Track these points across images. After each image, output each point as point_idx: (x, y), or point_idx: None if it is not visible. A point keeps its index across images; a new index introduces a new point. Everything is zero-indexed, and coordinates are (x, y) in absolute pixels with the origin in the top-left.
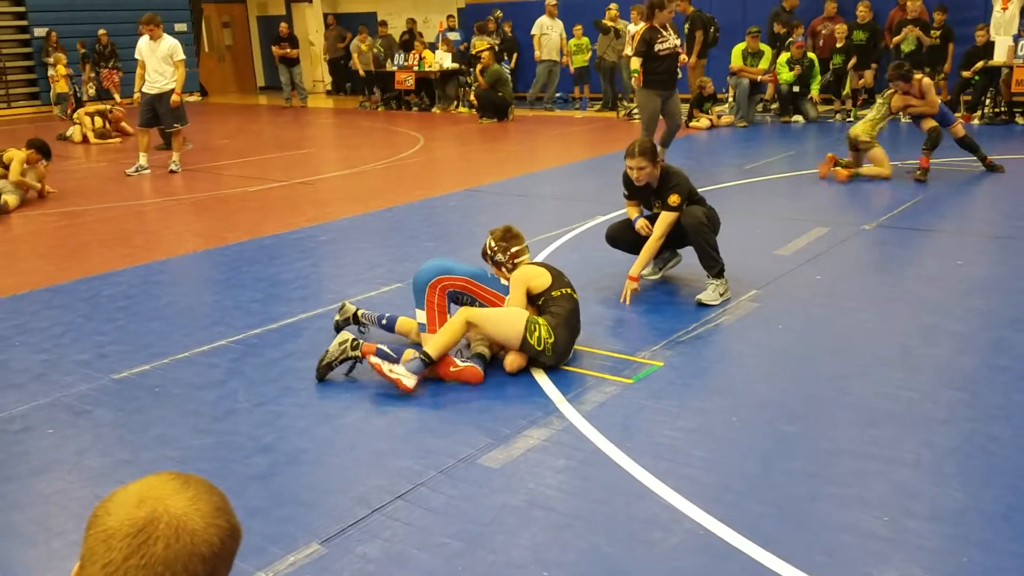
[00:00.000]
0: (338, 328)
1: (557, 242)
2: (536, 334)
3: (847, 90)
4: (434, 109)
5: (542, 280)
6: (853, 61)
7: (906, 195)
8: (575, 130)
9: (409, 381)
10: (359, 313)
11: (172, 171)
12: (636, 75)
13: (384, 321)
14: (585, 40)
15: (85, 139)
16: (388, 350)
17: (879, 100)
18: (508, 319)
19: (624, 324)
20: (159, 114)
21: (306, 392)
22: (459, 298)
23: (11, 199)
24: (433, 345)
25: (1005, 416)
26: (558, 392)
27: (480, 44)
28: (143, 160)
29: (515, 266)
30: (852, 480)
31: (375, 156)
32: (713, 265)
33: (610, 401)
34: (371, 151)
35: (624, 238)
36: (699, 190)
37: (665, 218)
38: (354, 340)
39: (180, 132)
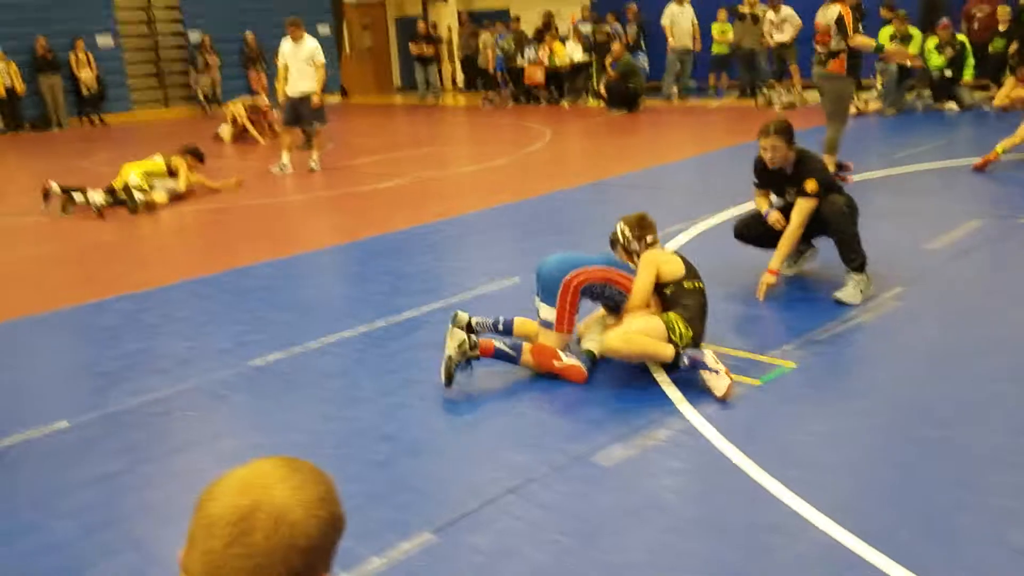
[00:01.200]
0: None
1: (684, 235)
2: (676, 331)
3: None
4: (563, 102)
5: (675, 268)
6: (1015, 46)
7: None
8: (709, 120)
9: (584, 368)
10: (473, 321)
11: (312, 169)
12: (839, 57)
13: (501, 326)
14: (729, 26)
15: (236, 138)
16: (506, 347)
17: None
18: (652, 330)
19: (753, 321)
20: (301, 114)
21: (426, 384)
22: (593, 292)
23: (161, 196)
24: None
25: None
26: (678, 392)
27: (600, 31)
28: (286, 159)
29: None
30: (1004, 491)
31: (503, 151)
32: (854, 258)
33: (734, 402)
34: (499, 146)
35: (753, 232)
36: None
37: (802, 206)
38: (471, 339)
39: (321, 132)
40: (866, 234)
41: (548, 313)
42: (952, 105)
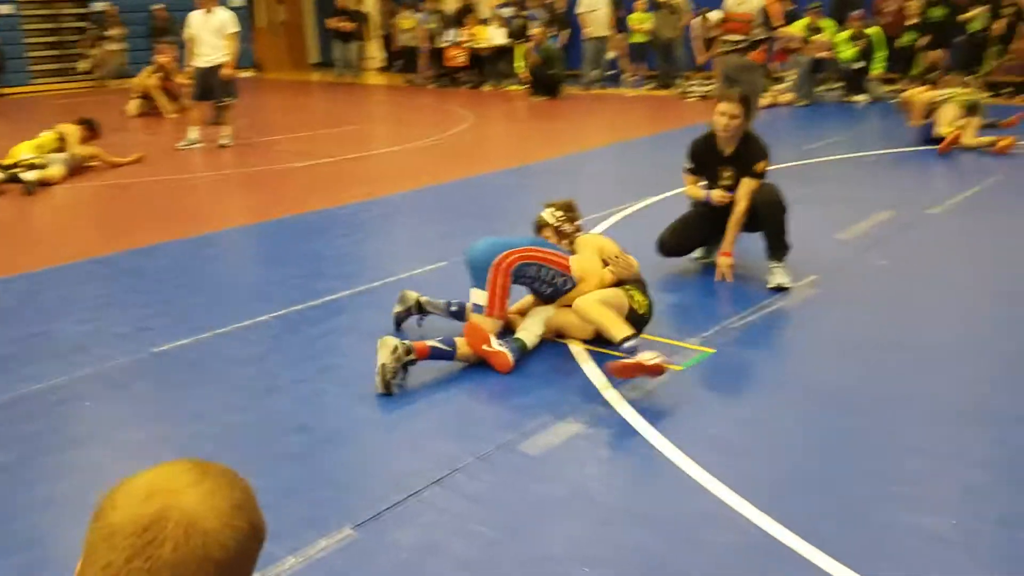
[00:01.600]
0: (398, 321)
1: (606, 222)
2: (636, 300)
3: (916, 70)
4: (485, 86)
5: (612, 246)
6: (925, 39)
7: (975, 178)
8: (627, 108)
9: (511, 357)
10: (422, 301)
11: (223, 145)
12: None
13: (454, 308)
14: (647, 16)
15: (142, 113)
16: (441, 345)
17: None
18: (614, 298)
19: (672, 309)
20: (211, 87)
21: (345, 371)
22: (528, 275)
23: (57, 171)
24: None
25: None
26: (603, 378)
27: (519, 16)
28: (194, 134)
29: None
30: (919, 480)
31: (424, 133)
32: (785, 249)
33: (658, 389)
34: (421, 128)
35: (682, 239)
36: None
37: (749, 185)
38: (404, 345)
39: (232, 106)
40: None
41: (479, 297)
42: (862, 97)
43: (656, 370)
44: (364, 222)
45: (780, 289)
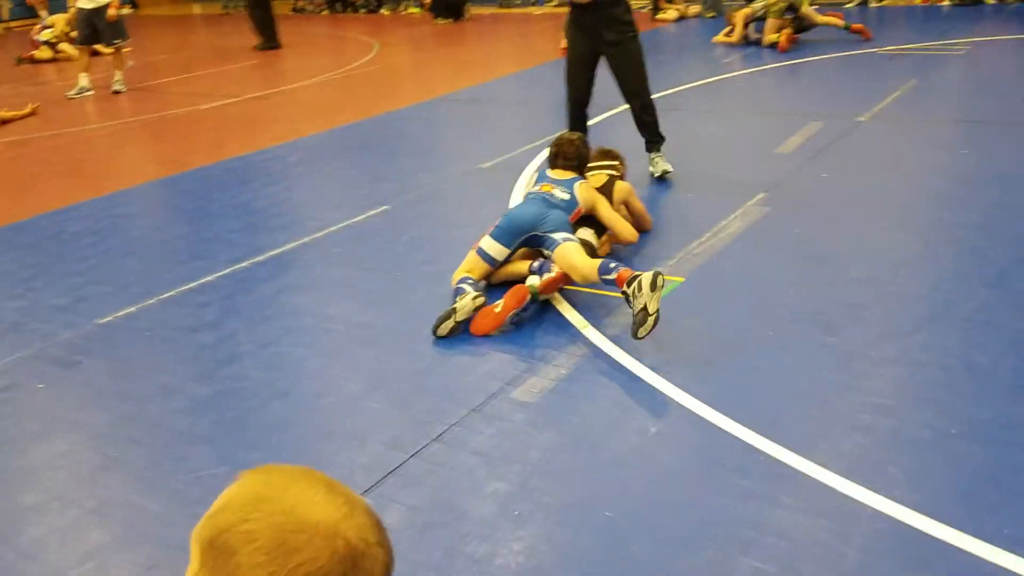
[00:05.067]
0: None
1: (543, 152)
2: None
3: None
4: (382, 10)
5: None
6: None
7: (894, 83)
8: (536, 28)
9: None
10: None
11: (116, 91)
12: None
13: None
14: None
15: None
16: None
17: None
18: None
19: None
20: (98, 30)
21: (311, 331)
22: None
23: None
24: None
25: None
26: (580, 317)
27: None
28: (85, 81)
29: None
30: (897, 388)
31: (330, 65)
32: (658, 134)
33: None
34: (325, 60)
35: (583, 78)
36: (676, 89)
37: None
38: (483, 296)
39: (122, 48)
40: (715, 142)
41: (499, 253)
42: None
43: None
44: (289, 167)
45: (666, 175)
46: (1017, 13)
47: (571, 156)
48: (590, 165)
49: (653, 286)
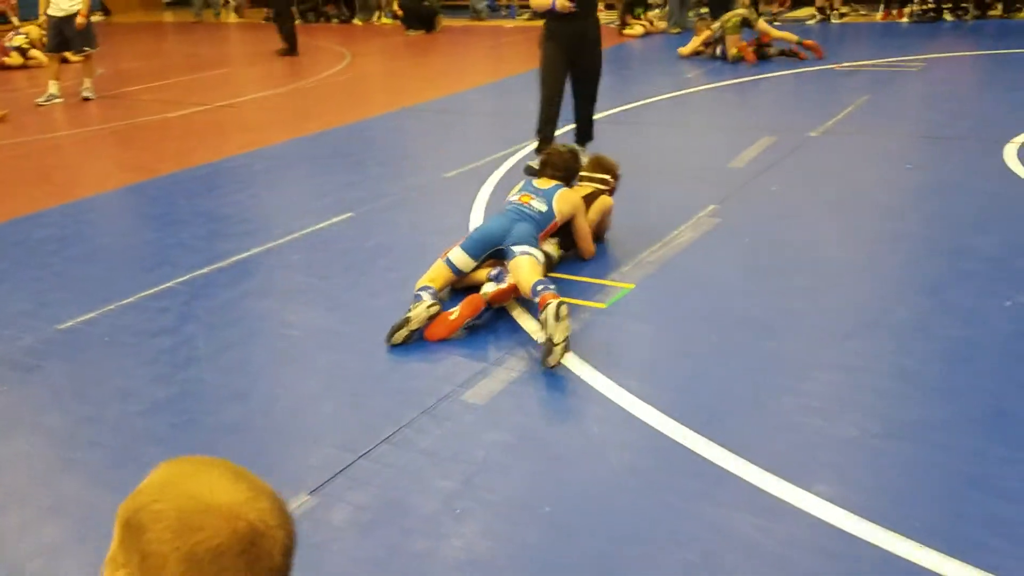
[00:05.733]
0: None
1: (511, 160)
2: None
3: None
4: (355, 21)
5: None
6: None
7: (848, 99)
8: (507, 40)
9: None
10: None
11: (86, 98)
12: None
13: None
14: None
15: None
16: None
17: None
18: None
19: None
20: (68, 37)
21: (269, 335)
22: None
23: None
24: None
25: (980, 321)
26: (533, 323)
27: None
28: (54, 88)
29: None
30: (836, 392)
31: (301, 74)
32: (590, 133)
33: (586, 328)
34: (296, 69)
35: (557, 81)
36: (639, 103)
37: None
38: (438, 306)
39: (92, 56)
40: (672, 155)
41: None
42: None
43: (512, 290)
44: (256, 174)
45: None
46: (973, 30)
47: (559, 167)
48: (582, 174)
49: (557, 316)
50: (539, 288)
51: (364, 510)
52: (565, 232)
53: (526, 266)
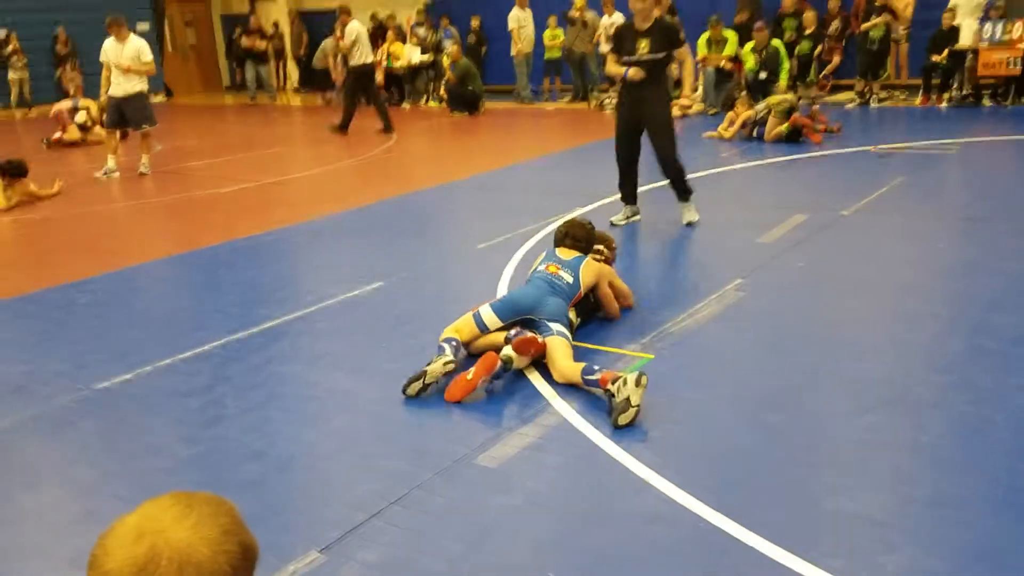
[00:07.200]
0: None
1: (541, 233)
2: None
3: (812, 76)
4: (404, 104)
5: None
6: (820, 49)
7: (882, 180)
8: (547, 122)
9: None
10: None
11: (142, 173)
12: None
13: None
14: (560, 32)
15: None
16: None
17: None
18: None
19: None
20: (127, 116)
21: (291, 397)
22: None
23: None
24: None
25: (996, 398)
26: (550, 388)
27: (448, 44)
28: (112, 163)
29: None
30: (853, 467)
31: (347, 153)
32: (688, 192)
33: (604, 396)
34: (342, 148)
35: (625, 145)
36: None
37: (681, 51)
38: (456, 362)
39: (150, 133)
40: (702, 229)
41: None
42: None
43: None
44: (296, 246)
45: (691, 224)
46: (1013, 115)
47: (580, 238)
48: None
49: (637, 383)
50: (595, 368)
51: (372, 569)
52: (582, 300)
53: (562, 350)
